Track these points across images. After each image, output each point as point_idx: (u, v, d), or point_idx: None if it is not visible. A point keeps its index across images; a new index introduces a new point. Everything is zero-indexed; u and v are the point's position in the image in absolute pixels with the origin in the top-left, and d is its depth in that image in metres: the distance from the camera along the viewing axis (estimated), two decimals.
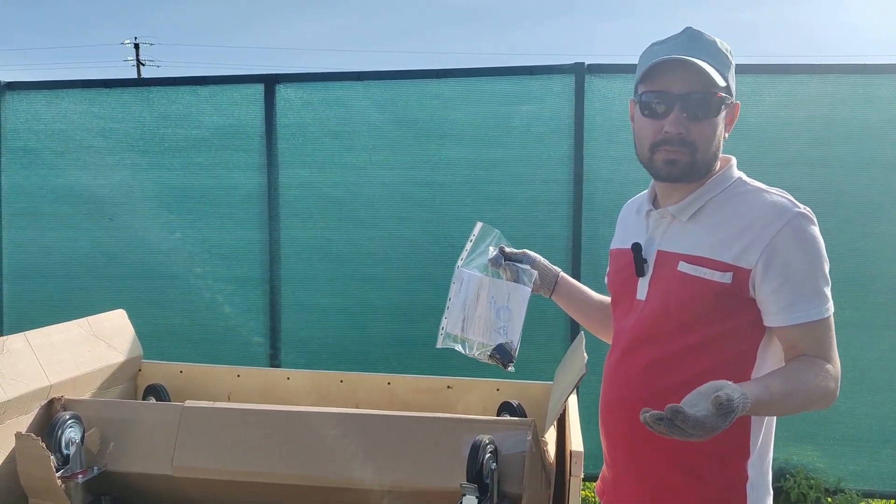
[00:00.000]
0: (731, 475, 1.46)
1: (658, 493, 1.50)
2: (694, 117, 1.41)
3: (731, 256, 1.39)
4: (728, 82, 1.43)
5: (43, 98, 4.19)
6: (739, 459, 1.46)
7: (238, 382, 2.50)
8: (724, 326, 1.41)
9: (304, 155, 4.03)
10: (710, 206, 1.47)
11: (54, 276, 4.26)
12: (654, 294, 1.49)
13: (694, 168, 1.44)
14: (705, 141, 1.42)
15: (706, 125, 1.42)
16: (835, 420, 3.72)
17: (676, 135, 1.41)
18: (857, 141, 3.67)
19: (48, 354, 2.11)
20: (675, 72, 1.40)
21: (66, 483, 1.88)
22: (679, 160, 1.43)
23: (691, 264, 1.43)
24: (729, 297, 1.40)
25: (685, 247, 1.46)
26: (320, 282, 4.07)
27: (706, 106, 1.40)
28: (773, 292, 1.37)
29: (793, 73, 3.72)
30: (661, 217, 1.52)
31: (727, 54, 1.46)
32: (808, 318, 1.37)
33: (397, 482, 1.77)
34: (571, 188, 3.81)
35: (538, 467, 1.75)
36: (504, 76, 3.87)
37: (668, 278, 1.47)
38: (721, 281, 1.39)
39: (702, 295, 1.41)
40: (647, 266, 1.52)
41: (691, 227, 1.47)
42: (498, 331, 1.75)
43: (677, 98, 1.40)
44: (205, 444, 1.91)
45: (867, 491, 3.71)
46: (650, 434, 1.36)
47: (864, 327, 3.67)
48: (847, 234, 3.68)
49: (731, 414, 1.16)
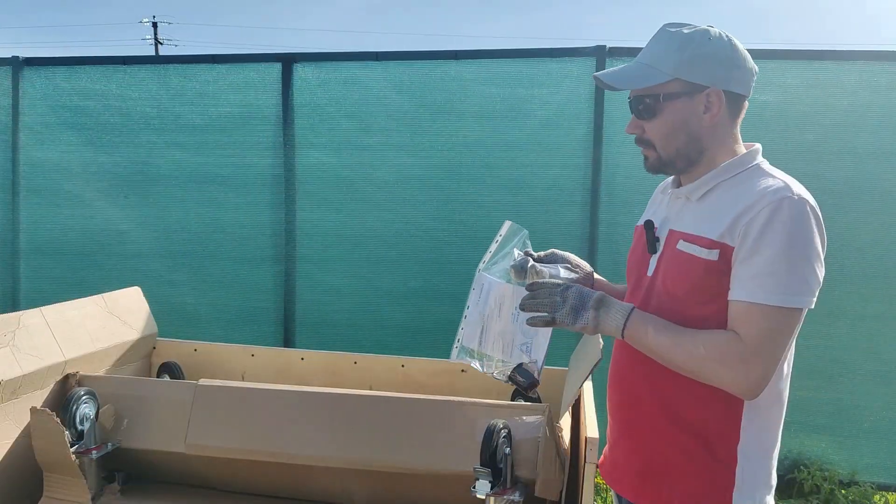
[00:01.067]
0: (721, 456, 1.47)
1: (648, 467, 1.55)
2: (642, 117, 1.52)
3: (718, 234, 1.41)
4: (679, 74, 1.45)
5: (61, 74, 4.19)
6: (730, 442, 1.46)
7: (252, 362, 2.50)
8: (716, 305, 1.42)
9: (319, 135, 4.01)
10: (720, 189, 1.49)
11: (70, 253, 4.28)
12: (659, 272, 1.54)
13: (662, 162, 1.53)
14: (662, 136, 1.50)
15: (658, 122, 1.50)
16: (851, 412, 3.68)
17: (635, 136, 1.55)
18: (884, 130, 3.61)
19: (64, 330, 2.12)
20: (630, 76, 1.51)
21: (80, 458, 1.89)
22: (648, 156, 1.55)
23: (687, 242, 1.47)
24: (717, 275, 1.41)
25: (686, 226, 1.51)
26: (334, 263, 4.06)
27: (647, 107, 1.50)
28: (738, 264, 1.38)
29: (817, 59, 3.65)
30: (677, 197, 1.58)
31: (685, 42, 1.46)
32: (765, 299, 1.33)
33: (410, 464, 1.76)
34: (590, 173, 3.77)
35: (552, 453, 1.73)
36: (524, 58, 3.82)
37: (669, 256, 1.52)
38: (708, 258, 1.42)
39: (694, 272, 1.44)
40: (660, 244, 1.57)
41: (699, 207, 1.51)
42: (521, 347, 1.64)
43: (630, 102, 1.54)
44: (218, 422, 1.91)
45: (882, 484, 3.68)
46: (644, 408, 1.53)
47: (887, 320, 3.62)
48: (870, 226, 3.62)
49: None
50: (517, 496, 1.67)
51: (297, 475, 1.89)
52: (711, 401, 1.45)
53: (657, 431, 1.52)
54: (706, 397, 1.45)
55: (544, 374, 2.30)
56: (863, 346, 3.64)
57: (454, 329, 4.24)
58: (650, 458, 1.54)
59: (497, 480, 1.63)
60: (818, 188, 3.54)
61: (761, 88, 3.68)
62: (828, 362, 3.64)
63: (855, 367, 3.66)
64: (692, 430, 1.48)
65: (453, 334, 1.87)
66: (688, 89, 1.47)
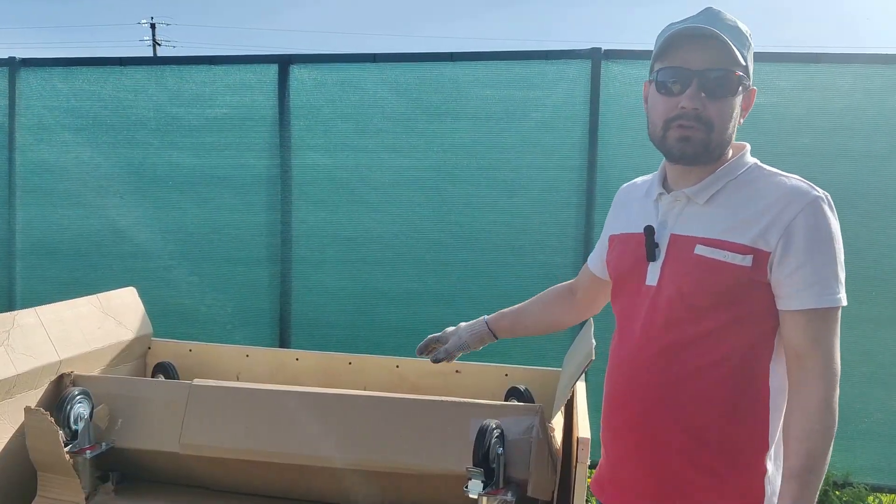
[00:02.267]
0: (749, 471, 1.41)
1: (664, 488, 1.45)
2: (712, 95, 1.36)
3: (751, 239, 1.35)
4: (747, 63, 1.39)
5: (58, 75, 4.19)
6: (758, 453, 1.41)
7: (247, 362, 2.51)
8: (740, 311, 1.38)
9: (316, 137, 4.02)
10: (728, 190, 1.42)
11: (66, 254, 4.28)
12: (669, 279, 1.44)
13: (707, 148, 1.39)
14: (722, 120, 1.38)
15: (724, 104, 1.37)
16: (846, 415, 3.65)
17: (692, 110, 1.36)
18: (878, 132, 3.62)
19: (59, 330, 2.12)
20: (695, 47, 1.35)
21: (74, 458, 1.90)
22: (693, 137, 1.37)
23: (710, 247, 1.38)
24: (747, 281, 1.36)
25: (702, 230, 1.41)
26: (330, 265, 4.06)
27: (725, 84, 1.36)
28: (791, 274, 1.33)
29: (812, 62, 3.66)
30: (675, 200, 1.47)
31: (747, 36, 1.41)
32: (824, 303, 1.32)
33: (404, 464, 1.77)
34: (585, 175, 3.78)
35: (545, 453, 1.74)
36: (520, 60, 3.83)
37: (684, 262, 1.42)
38: (741, 264, 1.35)
39: (720, 279, 1.37)
40: (659, 250, 1.46)
41: (708, 210, 1.42)
42: None
43: (695, 74, 1.35)
44: (213, 422, 1.91)
45: (876, 485, 3.69)
46: (662, 425, 1.40)
47: (881, 323, 3.62)
48: (866, 228, 3.63)
49: None
50: (509, 496, 1.67)
51: (291, 475, 1.89)
52: (738, 415, 1.40)
53: (676, 451, 1.43)
54: (730, 413, 1.40)
55: (540, 375, 2.32)
56: (858, 348, 3.64)
57: None
58: (664, 479, 1.45)
59: (490, 480, 1.64)
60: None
61: (757, 91, 3.69)
62: None
63: (850, 369, 3.63)
64: (720, 447, 1.41)
65: None
66: (746, 83, 1.41)
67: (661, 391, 1.42)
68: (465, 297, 3.90)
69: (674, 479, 1.44)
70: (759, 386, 1.40)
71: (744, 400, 1.39)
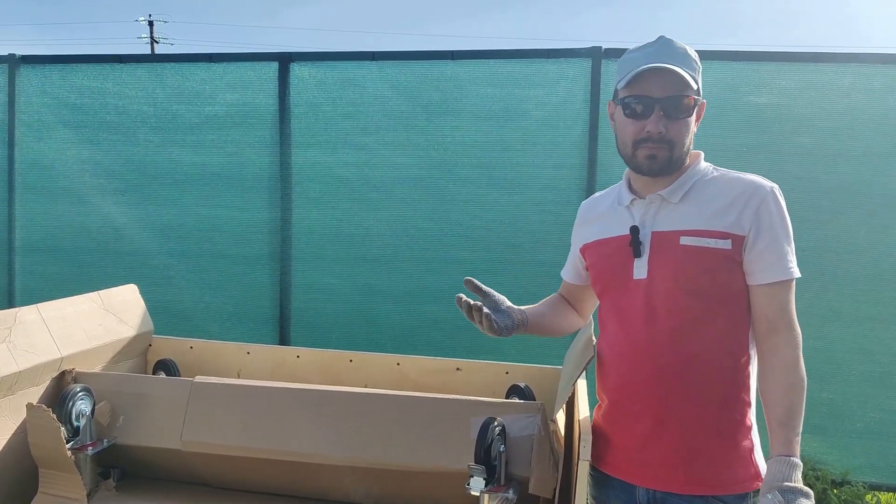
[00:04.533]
0: (744, 427, 1.63)
1: (695, 459, 1.61)
2: (671, 117, 1.59)
3: (727, 225, 1.59)
4: (698, 85, 1.62)
5: (57, 72, 4.20)
6: (748, 412, 1.64)
7: (248, 360, 2.51)
8: (727, 293, 1.60)
9: (316, 135, 4.03)
10: (696, 189, 1.65)
11: (65, 251, 4.28)
12: (659, 271, 1.63)
13: (671, 162, 1.62)
14: (681, 137, 1.62)
15: (682, 124, 1.61)
16: (845, 413, 3.70)
17: (657, 133, 1.59)
18: (878, 132, 3.63)
19: (60, 327, 2.12)
20: (655, 78, 1.59)
21: (75, 455, 1.89)
22: (658, 155, 1.61)
23: (693, 237, 1.60)
24: (729, 262, 1.59)
25: (683, 224, 1.63)
26: (330, 262, 4.07)
27: (681, 108, 1.60)
28: (762, 252, 1.57)
29: (812, 62, 3.67)
30: (650, 203, 1.68)
31: (695, 60, 1.64)
32: (788, 275, 1.57)
33: (406, 461, 1.77)
34: (585, 173, 3.79)
35: (546, 450, 1.74)
36: (520, 59, 3.84)
37: (671, 253, 1.62)
38: (723, 248, 1.58)
39: (707, 263, 1.59)
40: (643, 247, 1.66)
41: (683, 207, 1.64)
42: None
43: (657, 101, 1.59)
44: (214, 419, 1.92)
45: (874, 483, 3.70)
46: (682, 402, 1.60)
47: (880, 322, 3.65)
48: (867, 228, 3.65)
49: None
50: (511, 493, 1.68)
51: (292, 472, 1.90)
52: (737, 381, 1.62)
53: (701, 422, 1.61)
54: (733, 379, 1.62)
55: (540, 373, 2.32)
56: (856, 347, 3.66)
57: (448, 328, 4.26)
58: (694, 450, 1.62)
59: (491, 478, 1.65)
60: (814, 190, 3.63)
61: (758, 91, 3.70)
62: (822, 363, 3.66)
63: (848, 368, 3.68)
64: (731, 412, 1.62)
65: (447, 333, 1.90)
66: (698, 100, 1.64)
67: (679, 369, 1.60)
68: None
69: (702, 449, 1.61)
70: (743, 354, 1.63)
71: (738, 367, 1.62)
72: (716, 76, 3.69)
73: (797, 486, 1.45)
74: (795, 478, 1.46)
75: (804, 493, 1.43)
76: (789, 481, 1.45)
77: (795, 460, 1.49)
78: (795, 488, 1.44)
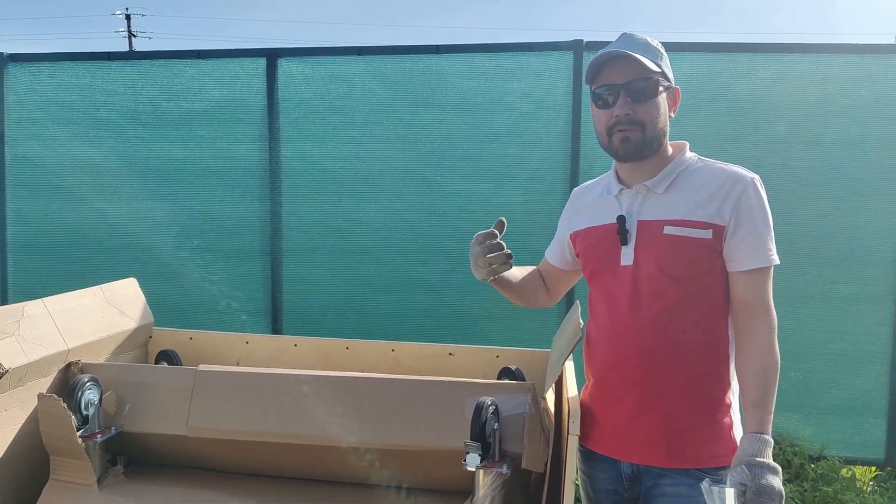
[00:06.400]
0: (723, 407, 1.71)
1: (673, 437, 1.70)
2: (637, 100, 1.67)
3: (708, 216, 1.66)
4: (662, 69, 1.69)
5: (45, 70, 4.22)
6: (727, 391, 1.72)
7: (247, 349, 2.57)
8: (708, 280, 1.68)
9: (305, 129, 4.08)
10: (680, 179, 1.73)
11: (57, 247, 4.31)
12: (644, 258, 1.71)
13: (645, 143, 1.69)
14: (651, 118, 1.68)
15: (649, 105, 1.68)
16: (821, 390, 3.83)
17: (625, 116, 1.67)
18: (850, 120, 3.75)
19: (65, 320, 2.18)
20: (615, 67, 1.67)
21: (85, 442, 1.95)
22: (632, 137, 1.68)
23: (676, 227, 1.68)
24: (709, 251, 1.66)
25: (666, 213, 1.70)
26: (321, 254, 4.14)
27: (646, 90, 1.67)
28: (742, 240, 1.65)
29: (786, 52, 3.78)
30: (637, 193, 1.75)
31: (658, 48, 1.72)
32: (767, 262, 1.64)
33: (404, 442, 1.85)
34: (569, 164, 3.88)
35: (537, 428, 1.83)
36: (503, 52, 3.92)
37: (655, 242, 1.70)
38: (704, 237, 1.66)
39: (689, 251, 1.67)
40: (630, 235, 1.74)
41: (667, 197, 1.72)
42: None
43: (621, 87, 1.67)
44: (219, 405, 1.98)
45: (850, 458, 3.84)
46: (664, 383, 1.68)
47: (853, 301, 3.77)
48: (838, 211, 3.77)
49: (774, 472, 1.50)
50: (505, 469, 1.75)
51: (296, 455, 1.96)
52: (717, 363, 1.71)
53: (680, 402, 1.70)
54: (713, 361, 1.70)
55: (529, 356, 2.41)
56: (831, 327, 3.79)
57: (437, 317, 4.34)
58: (673, 429, 1.70)
59: (486, 454, 1.73)
60: (789, 177, 3.75)
61: (734, 81, 3.80)
62: (798, 343, 3.79)
63: (823, 347, 3.81)
64: (710, 392, 1.70)
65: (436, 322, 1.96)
66: (666, 84, 1.72)
67: (662, 351, 1.69)
68: (452, 285, 4.00)
69: (682, 426, 1.70)
70: (722, 337, 1.71)
71: (718, 349, 1.71)
72: (693, 67, 3.79)
73: (766, 461, 1.52)
74: (766, 454, 1.54)
75: (771, 468, 1.51)
76: (759, 456, 1.53)
77: (767, 437, 1.56)
78: (763, 463, 1.51)
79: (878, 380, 3.79)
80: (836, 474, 3.72)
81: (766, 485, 1.48)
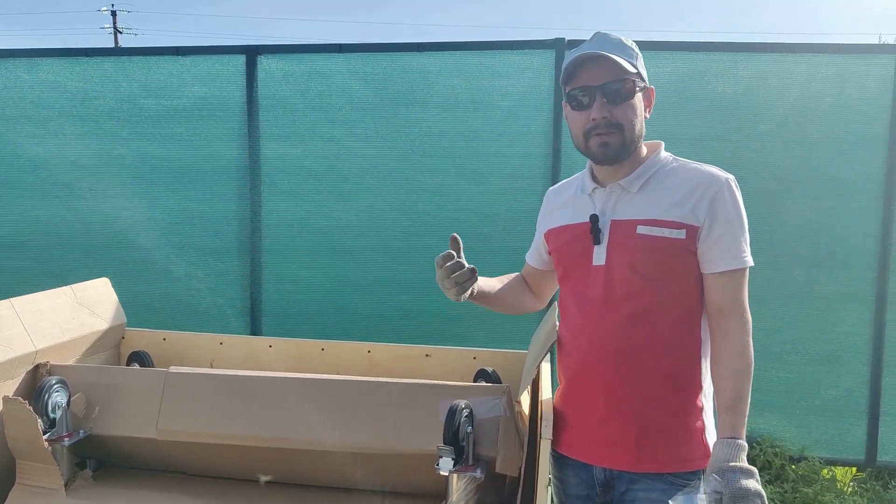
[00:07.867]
0: (696, 410, 1.69)
1: (644, 437, 1.67)
2: (613, 101, 1.63)
3: (682, 216, 1.63)
4: (638, 69, 1.66)
5: (23, 66, 4.16)
6: (698, 394, 1.70)
7: (220, 350, 2.54)
8: (681, 281, 1.66)
9: (284, 127, 4.05)
10: (654, 179, 1.70)
11: (32, 245, 4.26)
12: (616, 258, 1.68)
13: (624, 146, 1.66)
14: (628, 119, 1.64)
15: (626, 106, 1.64)
16: (801, 391, 3.84)
17: (602, 119, 1.62)
18: (831, 120, 3.75)
19: (34, 321, 2.14)
20: (591, 68, 1.63)
21: (52, 446, 1.92)
22: (611, 142, 1.65)
23: (649, 226, 1.65)
24: (683, 252, 1.63)
25: (640, 213, 1.67)
26: (300, 254, 4.10)
27: (622, 91, 1.63)
28: (716, 241, 1.62)
29: (768, 52, 3.78)
30: (611, 192, 1.72)
31: (632, 48, 1.68)
32: (741, 264, 1.62)
33: (376, 446, 1.83)
34: (550, 162, 3.87)
35: (512, 431, 1.81)
36: (485, 50, 3.89)
37: (628, 241, 1.67)
38: (677, 237, 1.63)
39: (662, 251, 1.64)
40: (602, 234, 1.71)
41: (641, 196, 1.69)
42: None
43: (597, 89, 1.62)
44: (189, 408, 1.95)
45: (830, 459, 3.85)
46: (635, 384, 1.66)
47: (833, 301, 3.78)
48: (819, 211, 3.77)
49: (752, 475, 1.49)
50: (479, 473, 1.73)
51: (267, 458, 1.94)
52: (689, 364, 1.68)
53: (652, 402, 1.67)
54: (686, 362, 1.68)
55: (506, 357, 2.39)
56: (811, 326, 3.80)
57: (416, 317, 4.32)
58: (644, 429, 1.68)
59: (460, 458, 1.70)
60: (771, 176, 3.75)
61: (717, 80, 3.80)
62: (779, 343, 3.79)
63: (804, 347, 3.82)
64: (684, 393, 1.68)
65: (416, 322, 1.94)
66: (642, 84, 1.68)
67: (633, 353, 1.66)
68: (433, 284, 3.96)
69: (654, 429, 1.67)
70: (695, 339, 1.69)
71: (691, 351, 1.68)
72: (676, 66, 3.79)
73: (738, 464, 1.50)
74: (739, 458, 1.52)
75: (744, 470, 1.49)
76: (732, 461, 1.51)
77: (741, 442, 1.54)
78: (736, 467, 1.49)
79: (859, 380, 3.80)
80: (817, 475, 3.73)
81: (740, 488, 1.46)
